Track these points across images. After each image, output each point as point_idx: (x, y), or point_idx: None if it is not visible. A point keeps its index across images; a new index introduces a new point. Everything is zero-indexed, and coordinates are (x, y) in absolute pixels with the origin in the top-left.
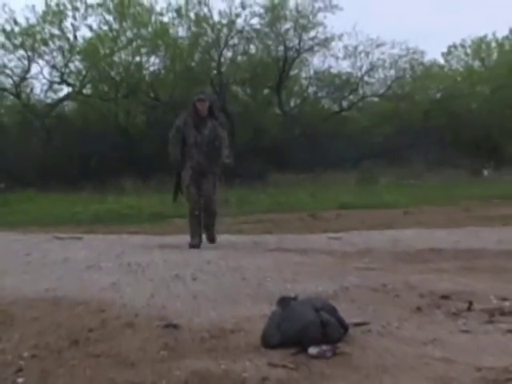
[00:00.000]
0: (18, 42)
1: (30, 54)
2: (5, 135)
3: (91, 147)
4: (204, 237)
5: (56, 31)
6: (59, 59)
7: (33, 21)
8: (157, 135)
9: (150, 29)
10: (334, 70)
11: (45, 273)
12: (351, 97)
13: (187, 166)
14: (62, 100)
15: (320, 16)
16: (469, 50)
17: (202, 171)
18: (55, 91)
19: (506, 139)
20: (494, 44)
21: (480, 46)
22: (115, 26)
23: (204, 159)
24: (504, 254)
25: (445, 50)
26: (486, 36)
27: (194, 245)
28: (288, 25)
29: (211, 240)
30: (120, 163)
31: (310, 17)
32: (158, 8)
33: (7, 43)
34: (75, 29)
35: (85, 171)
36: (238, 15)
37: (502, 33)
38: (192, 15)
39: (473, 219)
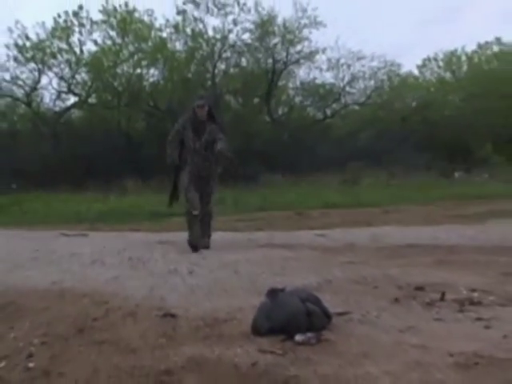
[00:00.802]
0: (29, 55)
1: (40, 66)
2: (17, 140)
3: (96, 151)
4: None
5: (64, 45)
6: (67, 71)
7: (43, 36)
8: (156, 140)
9: (149, 43)
10: (318, 81)
11: (53, 267)
12: (334, 105)
13: (186, 169)
14: (69, 108)
15: (305, 32)
16: (441, 63)
17: (201, 174)
18: (63, 100)
19: (475, 144)
20: (463, 57)
21: (451, 59)
22: (118, 40)
23: (203, 163)
24: (475, 249)
25: (419, 62)
26: (456, 50)
27: (193, 243)
28: (276, 39)
29: (205, 247)
30: (122, 165)
31: (297, 32)
32: (157, 24)
33: (19, 56)
34: (81, 43)
35: (90, 173)
36: (230, 31)
37: (470, 47)
38: (188, 31)
39: (447, 217)
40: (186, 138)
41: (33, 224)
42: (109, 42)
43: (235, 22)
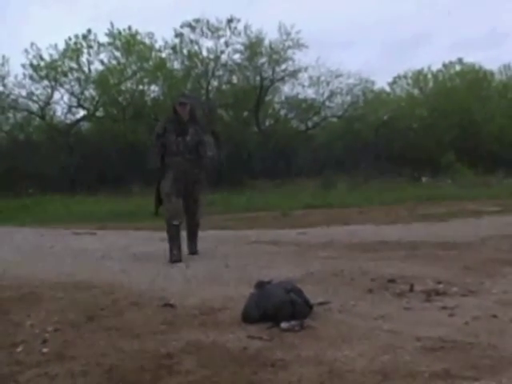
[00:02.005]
0: (43, 73)
1: (52, 83)
2: (34, 150)
3: (105, 158)
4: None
5: (74, 65)
6: (76, 88)
7: (55, 56)
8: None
9: (150, 63)
10: (301, 96)
11: (66, 261)
12: (315, 118)
13: (169, 175)
14: (78, 121)
15: (289, 52)
16: (410, 81)
17: (186, 180)
18: (73, 114)
19: (440, 152)
20: (429, 75)
21: (419, 77)
22: (122, 60)
23: (189, 167)
24: (439, 245)
25: (390, 80)
26: (423, 69)
27: (176, 260)
28: (263, 59)
29: (193, 253)
30: (128, 171)
31: (282, 53)
32: (157, 46)
33: (34, 75)
34: (90, 63)
35: (100, 178)
36: (222, 52)
37: (436, 66)
38: (185, 52)
39: (415, 217)
40: (169, 142)
41: (51, 222)
42: (114, 62)
43: (227, 44)
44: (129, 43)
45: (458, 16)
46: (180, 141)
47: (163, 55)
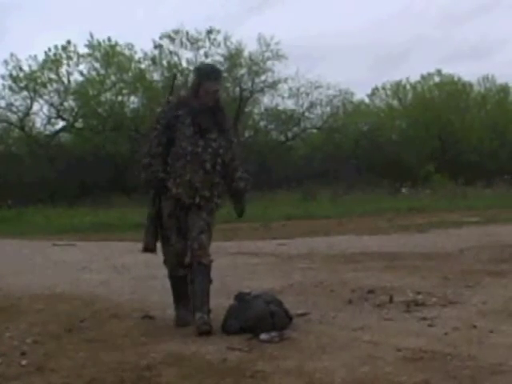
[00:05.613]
0: (22, 84)
1: (32, 94)
2: (13, 161)
3: (85, 170)
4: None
5: (53, 76)
6: (56, 99)
7: (34, 68)
8: (138, 161)
9: (130, 74)
10: (280, 107)
11: (47, 273)
12: (295, 129)
13: (169, 196)
14: (58, 132)
15: (269, 63)
16: (389, 92)
17: (194, 202)
18: (52, 125)
19: (419, 162)
20: (408, 87)
21: (398, 88)
22: (102, 71)
23: (202, 182)
24: (418, 255)
25: (369, 91)
26: (401, 80)
27: (183, 323)
28: (243, 70)
29: (203, 332)
30: (109, 183)
31: (261, 64)
32: (136, 57)
33: (14, 86)
34: (69, 74)
35: (80, 190)
36: (202, 63)
37: (415, 78)
38: (164, 63)
39: (395, 228)
40: (182, 138)
41: (32, 234)
42: (93, 73)
43: (206, 55)
44: (108, 54)
45: (438, 30)
46: (199, 139)
47: (143, 66)
